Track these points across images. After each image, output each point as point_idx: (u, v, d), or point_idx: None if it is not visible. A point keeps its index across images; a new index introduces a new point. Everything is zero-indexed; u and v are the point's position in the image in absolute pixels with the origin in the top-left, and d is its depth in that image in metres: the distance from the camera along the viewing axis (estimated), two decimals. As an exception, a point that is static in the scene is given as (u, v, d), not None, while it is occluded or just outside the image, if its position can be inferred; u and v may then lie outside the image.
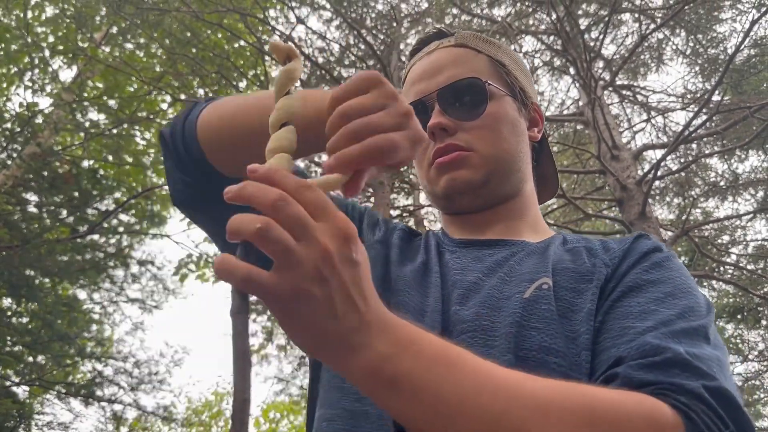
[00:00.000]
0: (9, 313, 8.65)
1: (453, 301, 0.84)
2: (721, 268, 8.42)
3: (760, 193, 8.35)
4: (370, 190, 8.27)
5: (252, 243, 0.54)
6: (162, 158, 0.98)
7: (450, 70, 0.99)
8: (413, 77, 1.04)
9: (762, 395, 10.82)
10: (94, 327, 10.39)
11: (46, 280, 8.82)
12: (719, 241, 8.65)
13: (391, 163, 0.62)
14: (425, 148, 0.98)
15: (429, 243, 0.99)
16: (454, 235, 1.02)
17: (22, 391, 9.00)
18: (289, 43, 0.76)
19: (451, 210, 1.02)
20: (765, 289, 8.28)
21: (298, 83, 0.69)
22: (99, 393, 9.59)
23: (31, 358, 8.86)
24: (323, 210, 0.55)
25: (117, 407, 9.99)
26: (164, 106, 9.69)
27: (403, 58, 8.96)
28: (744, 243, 8.82)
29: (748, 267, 8.44)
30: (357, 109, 0.62)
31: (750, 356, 9.86)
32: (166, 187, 9.90)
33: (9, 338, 8.48)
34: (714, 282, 9.20)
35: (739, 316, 8.97)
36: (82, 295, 10.10)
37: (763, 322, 9.16)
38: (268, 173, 0.55)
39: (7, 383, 8.54)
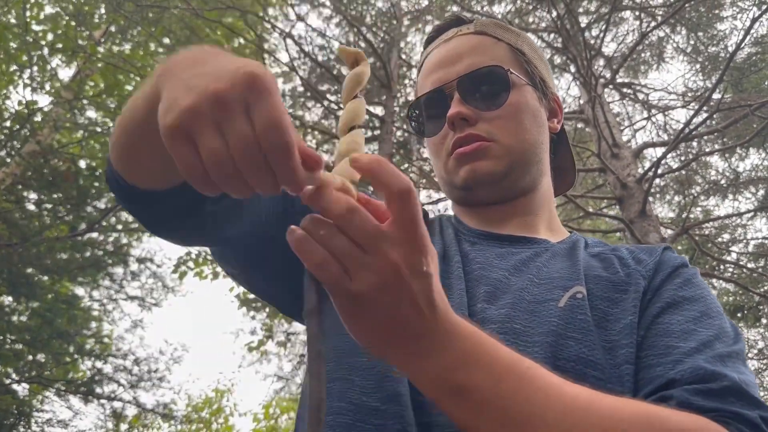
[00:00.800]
0: (8, 311, 8.65)
1: (479, 297, 0.81)
2: (722, 267, 8.41)
3: (761, 192, 8.33)
4: (370, 189, 8.25)
5: (323, 290, 0.55)
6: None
7: (470, 58, 0.96)
8: (430, 65, 1.00)
9: (763, 393, 10.83)
10: (94, 324, 10.40)
11: (46, 277, 8.83)
12: (719, 239, 8.64)
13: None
14: (443, 137, 0.96)
15: (445, 229, 0.96)
16: (469, 224, 0.98)
17: (21, 389, 9.01)
18: (356, 48, 0.75)
19: (469, 201, 0.99)
20: (765, 288, 8.27)
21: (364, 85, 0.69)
22: (98, 390, 9.60)
23: (30, 356, 8.86)
24: (407, 224, 0.55)
25: (117, 405, 10.00)
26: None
27: (404, 56, 8.96)
28: (744, 241, 8.81)
29: (749, 265, 8.43)
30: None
31: (750, 355, 9.86)
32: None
33: (8, 336, 8.49)
34: (714, 280, 9.20)
35: (739, 315, 8.96)
36: (81, 292, 10.11)
37: (763, 321, 9.15)
38: (343, 185, 0.55)
39: (7, 381, 8.55)
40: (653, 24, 7.58)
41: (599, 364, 0.72)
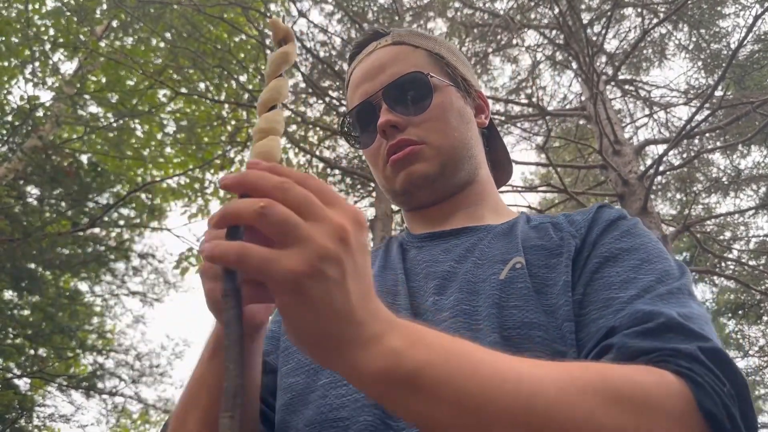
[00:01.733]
0: (10, 306, 8.67)
1: (429, 292, 0.84)
2: (723, 264, 8.41)
3: (762, 189, 8.33)
4: (372, 184, 8.27)
5: (235, 272, 0.52)
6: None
7: (391, 68, 1.00)
8: (356, 80, 1.04)
9: (763, 391, 10.83)
10: (96, 320, 10.43)
11: (48, 273, 8.84)
12: (721, 237, 8.63)
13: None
14: (377, 147, 0.99)
15: (390, 247, 1.00)
16: (417, 231, 1.02)
17: (23, 384, 9.03)
18: (288, 25, 0.76)
19: (412, 205, 1.02)
20: (766, 285, 8.27)
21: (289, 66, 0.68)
22: (100, 385, 9.63)
23: (32, 351, 8.89)
24: (332, 196, 0.53)
25: (118, 400, 10.04)
26: (164, 99, 9.68)
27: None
28: (746, 239, 8.81)
29: (750, 263, 8.43)
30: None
31: (751, 352, 9.86)
32: (167, 180, 9.93)
33: (10, 330, 8.51)
34: (715, 278, 9.20)
35: (740, 312, 8.97)
36: (83, 288, 10.14)
37: (764, 318, 9.16)
38: (272, 166, 0.53)
39: (9, 375, 8.57)
40: (655, 21, 7.57)
41: (542, 326, 0.73)
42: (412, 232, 1.03)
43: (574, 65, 7.81)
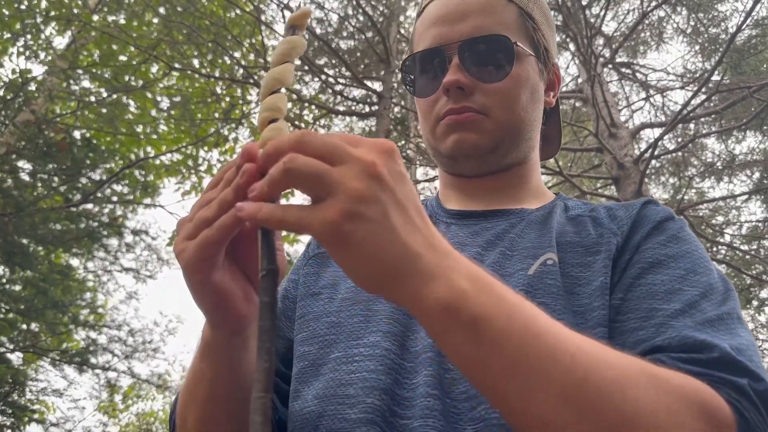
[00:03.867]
0: (3, 281, 8.65)
1: None
2: (715, 248, 8.46)
3: (756, 174, 8.35)
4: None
5: (271, 244, 0.52)
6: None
7: (476, 19, 0.89)
8: (432, 16, 0.93)
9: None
10: (88, 295, 10.42)
11: (40, 248, 8.81)
12: (714, 221, 8.67)
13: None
14: (435, 100, 0.91)
15: None
16: (448, 205, 0.96)
17: (16, 358, 9.04)
18: (307, 8, 0.71)
19: (454, 170, 0.96)
20: (758, 270, 8.33)
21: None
22: (93, 360, 9.65)
23: (24, 326, 8.88)
24: (356, 138, 0.52)
25: (111, 374, 10.07)
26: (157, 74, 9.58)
27: (403, 31, 8.87)
28: (738, 224, 8.85)
29: (742, 247, 8.48)
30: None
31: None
32: (160, 157, 9.88)
33: (3, 305, 8.50)
34: (707, 262, 9.25)
35: (730, 296, 9.03)
36: (76, 263, 10.11)
37: (754, 303, 9.23)
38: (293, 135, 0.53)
39: (1, 350, 8.57)
40: (654, 3, 7.52)
41: (569, 327, 0.71)
42: (443, 203, 0.97)
43: (572, 47, 7.76)
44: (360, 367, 0.73)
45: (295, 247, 9.83)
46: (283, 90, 0.63)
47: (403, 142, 8.35)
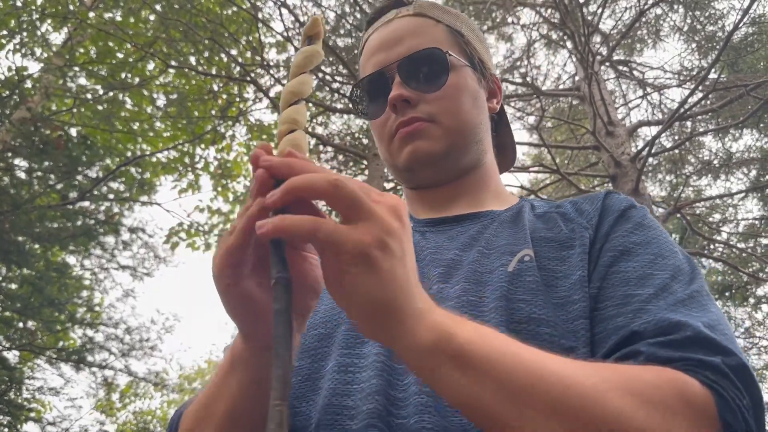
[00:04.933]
0: (-1, 279, 8.63)
1: (434, 279, 0.83)
2: (712, 246, 8.47)
3: (753, 172, 8.36)
4: (364, 162, 8.23)
5: (282, 253, 0.54)
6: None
7: (410, 41, 0.98)
8: (371, 48, 1.02)
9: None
10: (85, 293, 10.40)
11: (37, 246, 8.79)
12: (710, 219, 8.68)
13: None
14: (385, 120, 0.98)
15: None
16: (419, 215, 1.00)
17: (12, 356, 9.03)
18: (317, 16, 0.79)
19: (414, 183, 1.01)
20: (754, 268, 8.34)
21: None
22: (90, 359, 9.64)
23: (21, 324, 8.87)
24: (376, 190, 0.56)
25: (108, 373, 10.06)
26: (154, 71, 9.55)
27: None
28: (735, 221, 8.86)
29: (738, 245, 8.49)
30: None
31: (736, 333, 9.98)
32: (157, 155, 9.86)
33: (-1, 303, 8.48)
34: (704, 259, 9.26)
35: (727, 294, 9.05)
36: (72, 261, 10.09)
37: (751, 300, 9.25)
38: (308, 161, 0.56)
39: (-2, 348, 8.56)
40: (651, 1, 7.53)
41: (551, 321, 0.73)
42: (414, 216, 1.01)
43: (569, 45, 7.76)
44: (356, 378, 0.74)
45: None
46: (302, 101, 0.64)
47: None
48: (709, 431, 0.58)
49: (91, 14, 9.16)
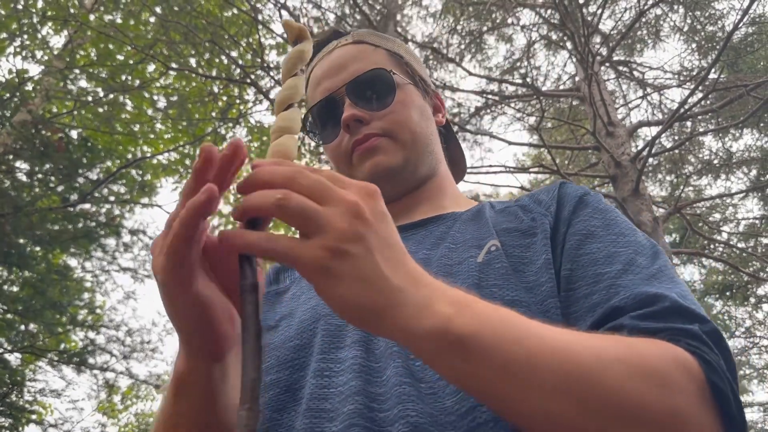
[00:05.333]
0: (0, 281, 8.63)
1: None
2: (712, 246, 8.47)
3: (753, 172, 8.37)
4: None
5: (252, 260, 0.54)
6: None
7: (354, 65, 1.03)
8: (317, 77, 1.06)
9: (748, 371, 10.99)
10: (86, 295, 10.40)
11: (38, 248, 8.78)
12: (711, 218, 8.68)
13: None
14: (339, 144, 1.02)
15: None
16: None
17: (14, 359, 9.02)
18: (302, 23, 0.85)
19: None
20: (754, 267, 8.35)
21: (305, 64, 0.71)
22: (91, 361, 9.63)
23: (23, 326, 8.86)
24: (342, 179, 0.56)
25: (109, 375, 10.05)
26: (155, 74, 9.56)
27: (400, 29, 8.88)
28: (735, 221, 8.87)
29: (739, 245, 8.49)
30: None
31: (737, 333, 9.98)
32: (157, 157, 9.86)
33: (1, 306, 8.48)
34: (704, 259, 9.26)
35: (727, 294, 9.05)
36: (73, 263, 10.09)
37: (751, 300, 9.25)
38: (279, 161, 0.57)
39: (-1, 350, 8.56)
40: (651, 1, 7.53)
41: (524, 302, 0.75)
42: None
43: (569, 45, 7.77)
44: (333, 382, 0.75)
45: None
46: (294, 106, 0.65)
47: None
48: (704, 395, 0.59)
49: (92, 17, 9.16)
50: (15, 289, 8.91)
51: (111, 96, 9.24)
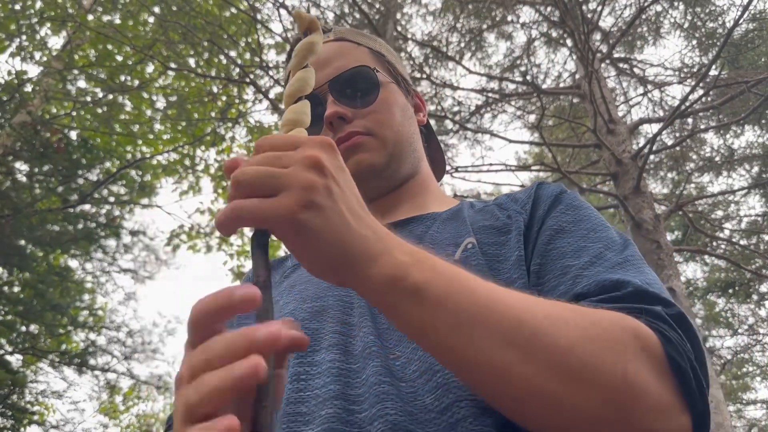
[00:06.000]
0: (1, 283, 8.63)
1: None
2: (714, 243, 8.45)
3: (755, 169, 8.34)
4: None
5: (265, 258, 0.54)
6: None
7: (336, 62, 1.03)
8: None
9: (751, 368, 10.96)
10: (87, 297, 10.40)
11: (38, 249, 8.78)
12: (713, 216, 8.66)
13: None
14: None
15: None
16: None
17: (15, 360, 9.03)
18: (312, 14, 0.86)
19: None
20: (757, 265, 8.32)
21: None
22: (92, 362, 9.64)
23: (23, 327, 8.87)
24: (297, 138, 0.58)
25: (110, 376, 10.06)
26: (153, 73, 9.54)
27: (399, 29, 8.86)
28: (737, 218, 8.84)
29: (741, 242, 8.47)
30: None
31: (740, 330, 9.96)
32: (157, 157, 9.85)
33: (1, 307, 8.48)
34: (706, 257, 9.24)
35: (730, 291, 9.03)
36: (74, 264, 10.09)
37: (754, 297, 9.23)
38: (257, 144, 0.59)
39: (1, 352, 8.56)
40: (651, -2, 7.50)
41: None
42: None
43: (569, 43, 7.75)
44: (309, 385, 0.74)
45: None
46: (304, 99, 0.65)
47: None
48: (661, 369, 0.59)
49: (90, 17, 9.15)
50: (16, 290, 8.91)
51: (110, 96, 9.23)
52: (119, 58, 9.44)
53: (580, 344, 0.57)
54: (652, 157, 7.88)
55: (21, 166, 8.46)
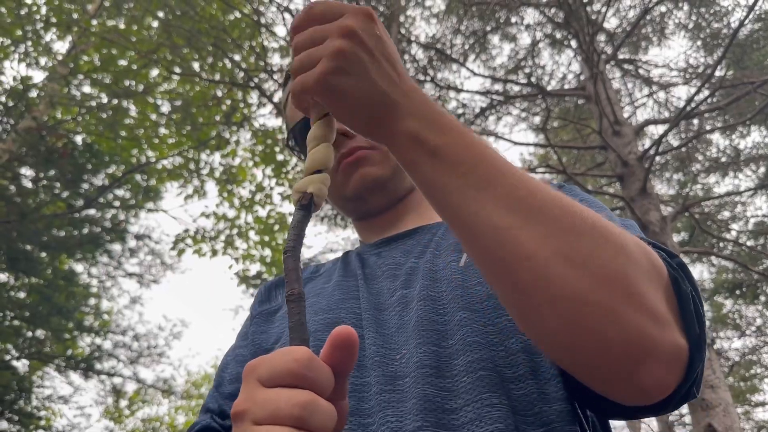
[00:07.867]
0: (7, 288, 8.65)
1: (398, 287, 0.87)
2: (721, 244, 8.40)
3: (762, 169, 8.30)
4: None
5: (297, 270, 0.55)
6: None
7: None
8: None
9: (759, 370, 10.89)
10: (93, 301, 10.42)
11: (44, 254, 8.80)
12: (719, 217, 8.62)
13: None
14: None
15: (348, 259, 1.02)
16: (371, 240, 1.05)
17: (21, 365, 9.05)
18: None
19: (362, 210, 1.05)
20: (764, 266, 8.27)
21: None
22: (98, 366, 9.66)
23: (30, 332, 8.88)
24: (340, 9, 0.63)
25: (116, 380, 10.07)
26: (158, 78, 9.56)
27: (403, 31, 8.86)
28: (744, 219, 8.79)
29: (748, 243, 8.42)
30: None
31: (747, 332, 9.90)
32: (162, 161, 9.86)
33: (8, 312, 8.49)
34: (713, 258, 9.20)
35: (737, 292, 8.98)
36: (79, 269, 10.11)
37: (762, 298, 9.18)
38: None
39: (7, 357, 8.57)
40: (656, -1, 7.47)
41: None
42: (366, 242, 1.05)
43: (574, 44, 7.73)
44: None
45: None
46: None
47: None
48: (661, 282, 0.60)
49: (94, 22, 9.18)
50: (22, 295, 8.93)
51: (115, 101, 9.25)
52: (124, 62, 9.45)
53: (584, 229, 0.58)
54: (658, 158, 7.85)
55: (26, 172, 8.48)
